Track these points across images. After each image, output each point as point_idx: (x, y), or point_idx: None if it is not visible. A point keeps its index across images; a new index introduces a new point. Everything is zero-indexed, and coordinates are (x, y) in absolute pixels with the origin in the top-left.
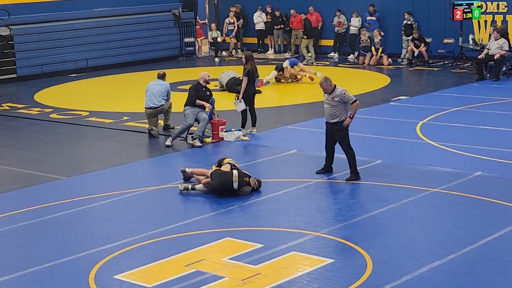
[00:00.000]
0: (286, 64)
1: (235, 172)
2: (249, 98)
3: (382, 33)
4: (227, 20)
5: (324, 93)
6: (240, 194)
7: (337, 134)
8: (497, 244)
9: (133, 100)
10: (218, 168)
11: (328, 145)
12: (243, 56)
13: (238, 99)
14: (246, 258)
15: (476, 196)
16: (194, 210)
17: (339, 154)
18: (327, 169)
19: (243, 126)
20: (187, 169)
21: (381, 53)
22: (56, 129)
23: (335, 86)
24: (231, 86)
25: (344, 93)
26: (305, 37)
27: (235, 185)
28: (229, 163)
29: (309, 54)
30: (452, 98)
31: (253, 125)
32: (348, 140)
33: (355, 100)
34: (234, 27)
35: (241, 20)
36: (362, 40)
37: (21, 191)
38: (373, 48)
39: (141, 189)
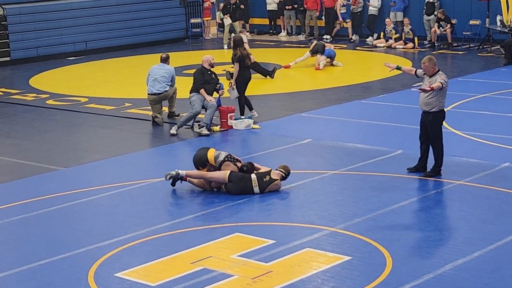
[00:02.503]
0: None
1: (253, 176)
2: (245, 85)
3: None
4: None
5: (424, 74)
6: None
7: (429, 124)
8: None
9: (136, 86)
10: (234, 170)
11: (422, 137)
12: (232, 40)
13: (231, 86)
14: (257, 255)
15: (504, 189)
16: (201, 204)
17: (356, 144)
18: (420, 168)
19: (242, 113)
20: (180, 172)
21: (414, 40)
22: (52, 117)
23: (438, 70)
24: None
25: (440, 76)
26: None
27: (256, 189)
28: (227, 159)
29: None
30: (478, 84)
31: (251, 108)
32: (441, 133)
33: (440, 84)
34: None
35: None
36: (387, 31)
37: (15, 183)
38: (404, 34)
39: (144, 181)
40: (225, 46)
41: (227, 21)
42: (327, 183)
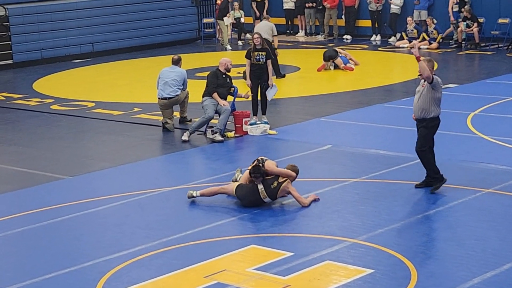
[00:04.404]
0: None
1: (260, 187)
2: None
3: (435, 21)
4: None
5: (419, 75)
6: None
7: (421, 130)
8: None
9: (145, 89)
10: (240, 183)
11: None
12: (259, 37)
13: (270, 86)
14: (274, 268)
15: None
16: (214, 214)
17: (378, 150)
18: (428, 183)
19: (255, 113)
20: (194, 193)
21: (440, 39)
22: (57, 122)
23: (434, 75)
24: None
25: (436, 79)
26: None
27: (267, 200)
28: (257, 159)
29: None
30: (507, 86)
31: (264, 112)
32: (430, 141)
33: (430, 75)
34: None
35: None
36: (408, 30)
37: (18, 193)
38: (424, 34)
39: (155, 190)
40: (228, 47)
41: (228, 20)
42: (348, 191)
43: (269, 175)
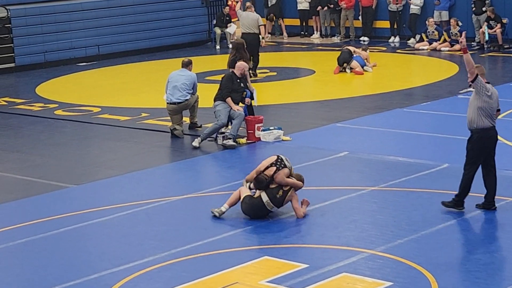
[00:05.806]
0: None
1: (265, 199)
2: None
3: (460, 23)
4: None
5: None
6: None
7: (467, 143)
8: None
9: (153, 94)
10: (248, 194)
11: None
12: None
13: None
14: (288, 280)
15: None
16: (225, 224)
17: (397, 157)
18: (487, 204)
19: None
20: (223, 208)
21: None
22: (62, 128)
23: (488, 82)
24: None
25: (481, 83)
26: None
27: (274, 209)
28: (273, 165)
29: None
30: None
31: None
32: (471, 158)
33: (474, 77)
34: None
35: None
36: (429, 32)
37: (21, 202)
38: (445, 35)
39: (163, 199)
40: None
41: (233, 28)
42: (366, 200)
43: (273, 183)
